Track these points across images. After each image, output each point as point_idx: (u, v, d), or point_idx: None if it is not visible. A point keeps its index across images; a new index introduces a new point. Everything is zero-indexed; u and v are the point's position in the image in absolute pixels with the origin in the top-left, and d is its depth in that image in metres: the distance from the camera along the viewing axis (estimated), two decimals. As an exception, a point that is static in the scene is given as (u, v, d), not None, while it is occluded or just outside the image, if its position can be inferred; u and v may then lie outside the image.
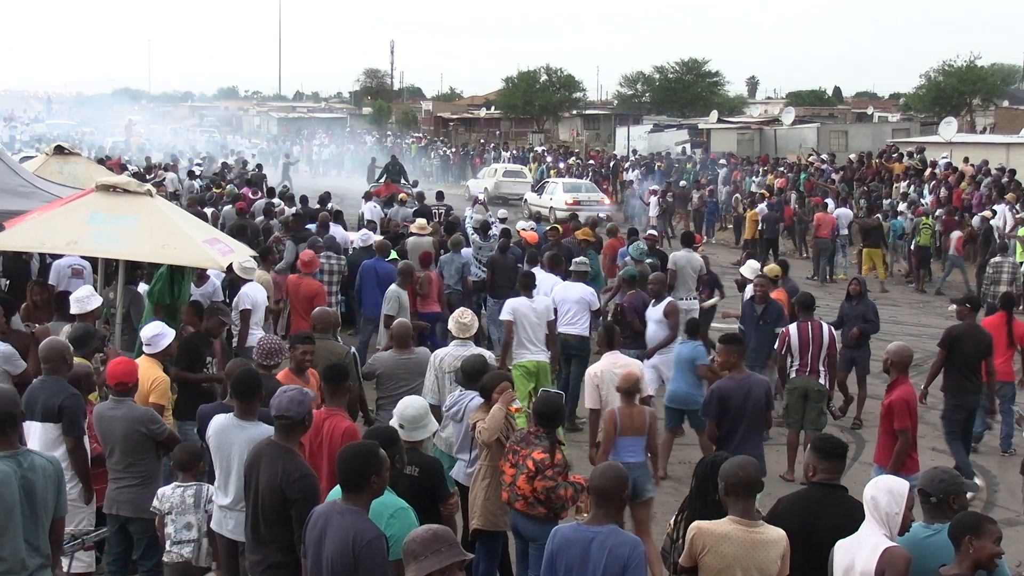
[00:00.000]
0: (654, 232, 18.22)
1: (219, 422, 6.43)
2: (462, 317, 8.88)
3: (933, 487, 5.34)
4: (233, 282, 11.74)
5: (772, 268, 13.62)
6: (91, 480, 6.93)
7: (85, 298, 8.80)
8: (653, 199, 30.31)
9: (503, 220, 19.19)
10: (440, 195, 23.87)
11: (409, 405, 6.41)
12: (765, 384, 8.42)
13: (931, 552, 5.06)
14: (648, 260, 14.42)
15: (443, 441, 7.97)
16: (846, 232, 24.51)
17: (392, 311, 11.54)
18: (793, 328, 10.80)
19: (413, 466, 6.26)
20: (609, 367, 8.72)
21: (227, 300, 11.91)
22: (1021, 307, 17.23)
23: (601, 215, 25.19)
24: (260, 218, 18.47)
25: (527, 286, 11.31)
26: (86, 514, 6.94)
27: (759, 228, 25.23)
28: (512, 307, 10.98)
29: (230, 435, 6.33)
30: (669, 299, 11.64)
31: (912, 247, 23.16)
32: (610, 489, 5.16)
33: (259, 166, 36.23)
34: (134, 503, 6.85)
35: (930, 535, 5.19)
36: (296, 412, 5.74)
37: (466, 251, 15.28)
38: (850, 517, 5.46)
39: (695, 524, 5.32)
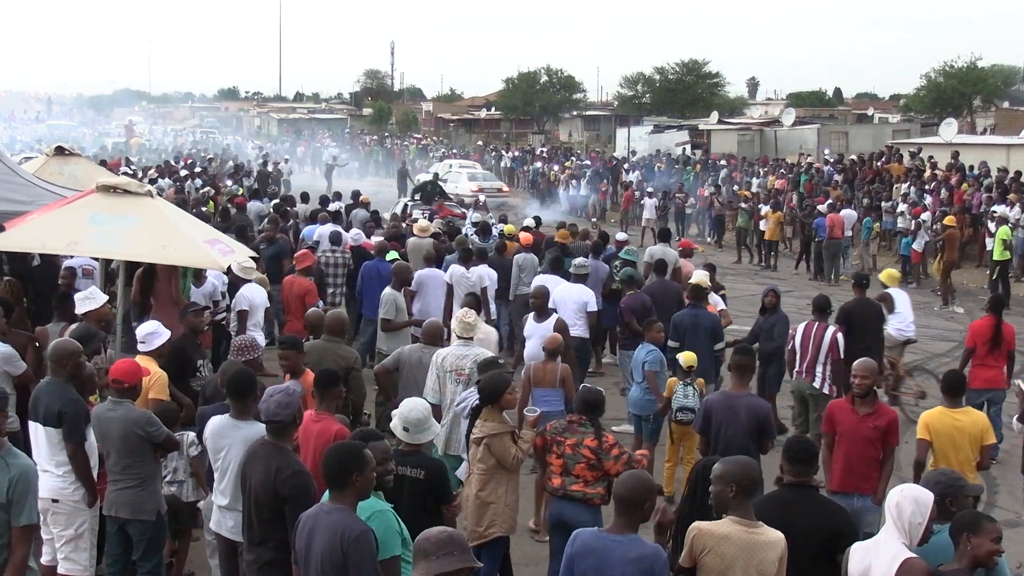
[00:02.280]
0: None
1: (215, 423, 6.45)
2: (466, 316, 8.86)
3: (931, 489, 5.33)
4: (234, 283, 11.75)
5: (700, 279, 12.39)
6: (95, 483, 6.87)
7: (90, 297, 8.79)
8: (649, 201, 30.39)
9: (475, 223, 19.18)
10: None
11: (413, 408, 6.39)
12: (758, 408, 7.84)
13: (932, 553, 5.04)
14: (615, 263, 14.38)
15: (440, 440, 7.96)
16: (849, 233, 24.67)
17: (389, 315, 11.51)
18: (800, 328, 10.74)
19: (419, 468, 6.26)
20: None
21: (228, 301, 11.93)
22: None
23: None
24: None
25: (465, 258, 13.13)
26: (88, 516, 6.88)
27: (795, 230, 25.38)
28: (450, 273, 12.95)
29: (226, 435, 6.35)
30: (556, 315, 10.87)
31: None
32: (635, 498, 5.12)
33: (265, 162, 36.37)
34: (132, 505, 6.83)
35: (931, 536, 5.17)
36: (285, 415, 5.80)
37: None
38: (825, 516, 5.52)
39: (695, 525, 5.30)
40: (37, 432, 6.85)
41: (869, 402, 7.56)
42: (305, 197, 23.46)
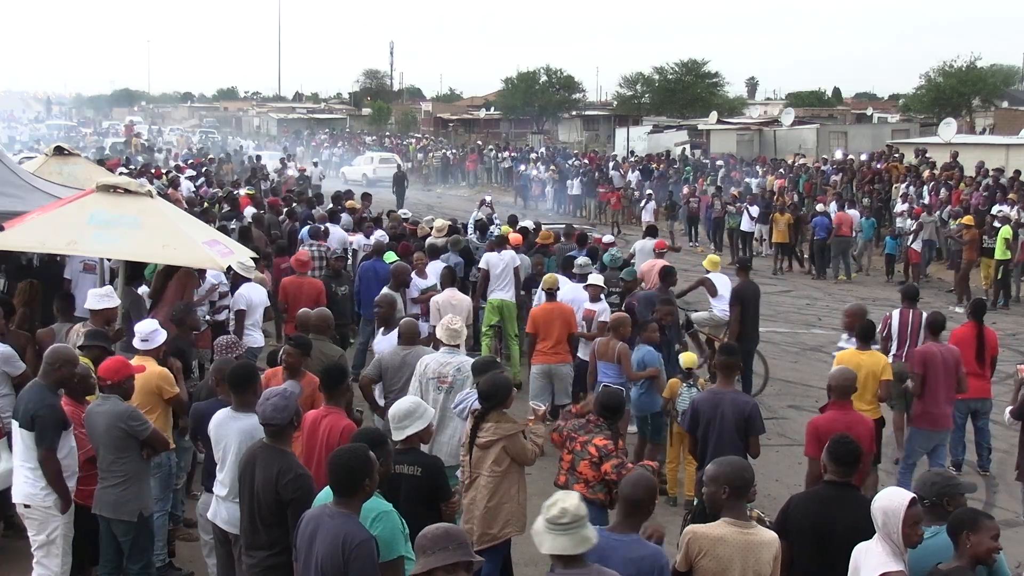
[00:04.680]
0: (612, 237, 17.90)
1: (218, 415, 6.59)
2: (452, 324, 8.62)
3: (926, 490, 5.35)
4: (234, 283, 11.76)
5: (549, 278, 12.04)
6: (67, 489, 6.82)
7: (107, 296, 8.80)
8: (650, 204, 30.08)
9: (404, 218, 18.95)
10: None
11: (398, 404, 6.42)
12: (742, 404, 7.86)
13: (930, 554, 5.05)
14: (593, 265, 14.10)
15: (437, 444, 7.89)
16: (860, 234, 24.69)
17: (387, 315, 11.51)
18: (896, 313, 11.08)
19: (415, 466, 6.26)
20: (448, 298, 11.65)
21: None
22: None
23: None
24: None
25: (500, 244, 14.08)
26: (60, 523, 6.83)
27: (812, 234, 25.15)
28: (485, 259, 13.92)
29: (225, 426, 6.48)
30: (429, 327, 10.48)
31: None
32: (640, 498, 5.13)
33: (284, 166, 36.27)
34: (114, 504, 6.80)
35: (928, 537, 5.17)
36: (282, 418, 5.82)
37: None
38: (865, 516, 5.43)
39: (690, 528, 5.30)
40: (16, 433, 6.88)
41: (823, 407, 7.64)
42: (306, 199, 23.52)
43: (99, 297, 8.71)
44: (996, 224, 21.15)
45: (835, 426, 7.23)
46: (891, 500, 4.95)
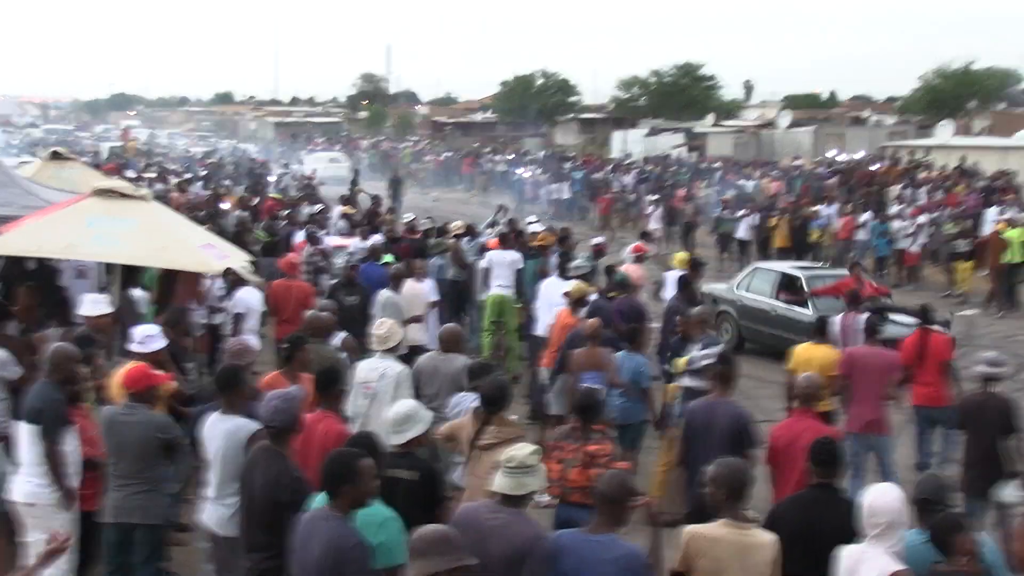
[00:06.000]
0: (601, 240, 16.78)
1: (209, 418, 6.61)
2: (378, 329, 8.59)
3: (935, 494, 5.38)
4: (231, 286, 11.73)
5: (578, 288, 11.57)
6: (70, 485, 6.82)
7: (98, 302, 8.78)
8: (656, 211, 29.26)
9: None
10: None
11: (393, 407, 6.41)
12: (737, 416, 7.57)
13: (930, 557, 5.05)
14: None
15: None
16: (867, 238, 24.38)
17: (392, 317, 11.50)
18: (838, 320, 11.29)
19: (413, 470, 6.25)
20: (408, 290, 12.13)
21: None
22: None
23: None
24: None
25: (504, 242, 14.52)
26: (63, 520, 6.78)
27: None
28: (488, 257, 14.29)
29: (212, 428, 6.50)
30: (344, 333, 9.83)
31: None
32: (615, 496, 5.12)
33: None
34: (144, 509, 6.81)
35: (927, 539, 5.17)
36: (281, 421, 5.82)
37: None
38: (851, 517, 5.41)
39: (688, 529, 5.29)
40: (20, 430, 6.88)
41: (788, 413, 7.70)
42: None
43: (92, 303, 8.70)
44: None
45: (780, 431, 7.31)
46: (895, 490, 4.98)
